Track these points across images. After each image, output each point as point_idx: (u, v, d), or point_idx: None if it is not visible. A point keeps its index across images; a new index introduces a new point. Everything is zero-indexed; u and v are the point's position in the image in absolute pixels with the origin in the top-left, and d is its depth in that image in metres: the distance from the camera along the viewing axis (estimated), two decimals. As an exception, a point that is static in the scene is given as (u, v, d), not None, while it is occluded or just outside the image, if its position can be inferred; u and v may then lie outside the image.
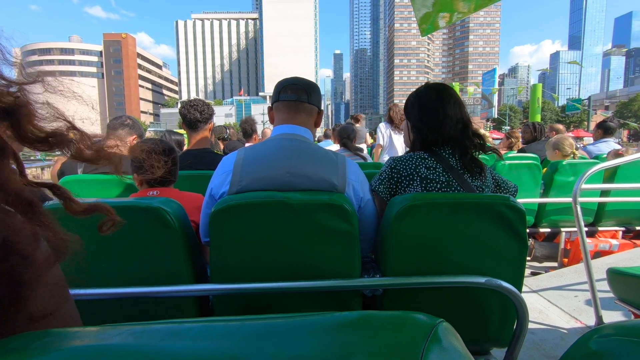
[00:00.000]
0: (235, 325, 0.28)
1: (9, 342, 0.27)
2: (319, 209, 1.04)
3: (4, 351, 0.26)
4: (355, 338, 0.28)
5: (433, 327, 0.29)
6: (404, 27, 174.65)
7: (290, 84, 1.30)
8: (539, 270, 3.18)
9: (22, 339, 0.27)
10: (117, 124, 2.10)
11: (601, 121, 4.38)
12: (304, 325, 0.29)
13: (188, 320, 0.29)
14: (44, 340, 0.27)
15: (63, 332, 0.28)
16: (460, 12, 2.42)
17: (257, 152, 1.19)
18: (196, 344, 0.26)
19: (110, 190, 1.79)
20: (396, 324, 0.29)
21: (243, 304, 1.13)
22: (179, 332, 0.27)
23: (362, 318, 0.30)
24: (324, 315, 0.30)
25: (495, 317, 1.17)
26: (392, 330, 0.29)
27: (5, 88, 0.38)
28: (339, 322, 0.30)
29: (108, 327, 0.28)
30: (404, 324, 0.30)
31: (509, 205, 1.07)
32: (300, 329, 0.28)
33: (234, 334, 0.27)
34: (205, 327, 0.28)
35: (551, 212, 3.27)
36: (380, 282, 1.07)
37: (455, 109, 1.31)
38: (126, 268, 1.09)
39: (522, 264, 1.13)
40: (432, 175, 1.24)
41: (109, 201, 1.09)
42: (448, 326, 0.30)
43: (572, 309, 2.26)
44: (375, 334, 0.28)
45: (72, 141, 0.45)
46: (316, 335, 0.28)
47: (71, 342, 0.27)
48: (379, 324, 0.29)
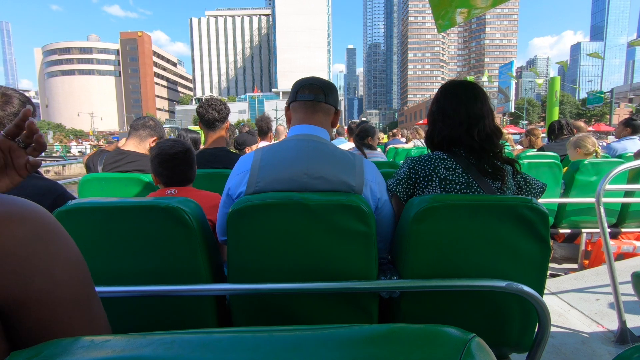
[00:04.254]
0: (264, 337, 0.28)
1: (42, 349, 0.28)
2: (336, 210, 1.04)
3: (39, 359, 0.27)
4: (386, 353, 0.27)
5: (466, 343, 0.28)
6: (418, 21, 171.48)
7: (308, 83, 1.29)
8: (558, 272, 3.11)
9: (54, 347, 0.28)
10: (140, 125, 2.14)
11: (628, 118, 4.21)
12: (332, 339, 0.28)
13: (216, 331, 0.29)
14: (75, 349, 0.28)
15: (94, 340, 0.28)
16: (478, 8, 2.37)
17: (275, 153, 1.19)
18: (227, 356, 0.26)
19: (129, 189, 1.82)
20: (427, 338, 0.29)
21: (260, 304, 1.14)
22: (209, 343, 0.27)
23: (392, 332, 0.30)
24: (352, 328, 0.30)
25: (515, 322, 1.14)
26: (424, 345, 0.28)
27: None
28: (368, 335, 0.29)
29: (138, 337, 0.28)
30: (436, 339, 0.29)
31: (531, 207, 1.04)
32: (329, 342, 0.28)
33: (263, 347, 0.27)
34: (234, 338, 0.28)
35: (572, 212, 3.18)
36: (399, 284, 1.06)
37: (476, 109, 1.27)
38: (145, 266, 1.11)
39: (544, 268, 1.10)
40: (451, 176, 1.22)
41: (128, 200, 1.11)
42: (481, 342, 0.29)
43: (594, 312, 2.19)
44: (406, 350, 0.28)
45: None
46: (345, 349, 0.28)
47: (102, 352, 0.27)
48: (410, 338, 0.29)
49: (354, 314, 1.13)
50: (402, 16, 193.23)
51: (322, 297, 1.12)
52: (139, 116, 2.34)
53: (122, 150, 2.09)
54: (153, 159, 1.54)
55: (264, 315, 1.14)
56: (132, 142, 2.12)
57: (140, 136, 2.11)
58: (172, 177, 1.54)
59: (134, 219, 1.06)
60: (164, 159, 1.51)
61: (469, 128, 1.25)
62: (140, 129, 2.12)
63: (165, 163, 1.52)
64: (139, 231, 1.07)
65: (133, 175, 1.86)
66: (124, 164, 2.01)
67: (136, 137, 2.12)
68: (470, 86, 1.32)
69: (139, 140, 2.12)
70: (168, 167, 1.52)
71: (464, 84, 1.34)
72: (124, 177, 1.84)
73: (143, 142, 2.12)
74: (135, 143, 2.11)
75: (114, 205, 1.06)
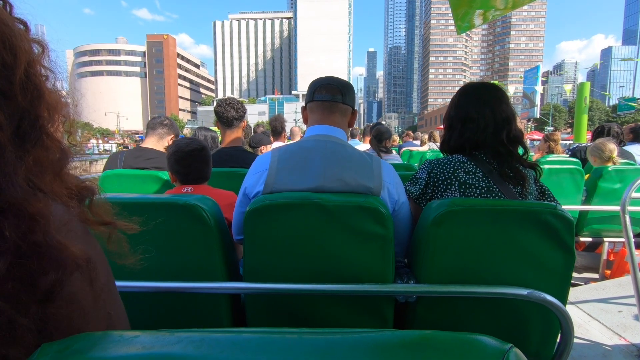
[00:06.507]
0: (294, 340, 0.27)
1: (72, 342, 0.28)
2: (354, 212, 1.03)
3: (69, 353, 0.26)
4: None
5: (504, 355, 0.27)
6: (440, 24, 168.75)
7: (325, 83, 1.29)
8: (578, 282, 3.01)
9: (84, 341, 0.28)
10: (156, 124, 2.18)
11: (636, 126, 4.10)
12: (364, 343, 0.27)
13: (245, 330, 0.29)
14: (105, 343, 0.27)
15: (123, 335, 0.28)
16: (498, 10, 2.33)
17: (292, 154, 1.18)
18: (256, 357, 0.25)
19: (148, 185, 1.85)
20: (464, 348, 0.27)
21: (274, 304, 1.13)
22: (238, 343, 0.26)
23: (425, 338, 0.28)
24: (384, 333, 0.29)
25: (536, 332, 1.11)
26: (460, 354, 0.27)
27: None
28: (400, 341, 0.28)
29: (166, 334, 0.28)
30: (472, 348, 0.28)
31: (556, 214, 1.01)
32: (360, 346, 0.27)
33: (294, 349, 0.26)
34: (263, 339, 0.27)
35: (593, 220, 3.08)
36: (417, 289, 1.04)
37: (502, 112, 1.24)
38: (162, 262, 1.11)
39: (567, 277, 1.06)
40: (471, 180, 1.19)
41: (147, 197, 1.12)
42: (519, 353, 0.28)
43: (616, 324, 2.11)
44: (441, 357, 0.26)
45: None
46: (377, 354, 0.27)
47: (132, 347, 0.26)
48: (444, 346, 0.28)
49: (368, 318, 1.12)
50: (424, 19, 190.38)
51: (337, 299, 1.10)
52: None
53: (142, 147, 2.13)
54: (170, 157, 1.56)
55: (278, 315, 1.13)
56: (151, 140, 2.16)
57: (159, 134, 2.15)
58: (188, 175, 1.56)
59: (153, 215, 1.07)
60: (180, 157, 1.53)
61: (495, 131, 1.22)
62: (158, 128, 2.17)
63: (181, 161, 1.54)
64: (156, 227, 1.08)
65: (151, 173, 1.89)
66: (143, 161, 2.05)
67: (154, 136, 2.16)
68: (493, 88, 1.29)
69: (158, 138, 2.16)
70: (184, 165, 1.54)
71: (486, 86, 1.31)
72: (143, 174, 1.87)
73: (161, 140, 2.16)
74: (154, 141, 2.15)
75: (133, 201, 1.07)
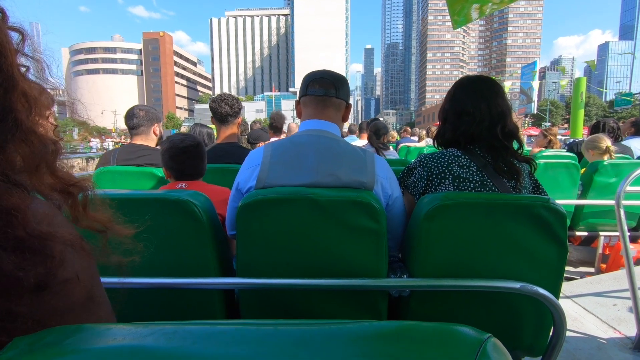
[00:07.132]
0: (269, 331, 0.27)
1: (44, 335, 0.27)
2: (347, 206, 1.02)
3: (40, 345, 0.26)
4: (397, 350, 0.26)
5: (482, 344, 0.26)
6: (438, 20, 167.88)
7: (318, 77, 1.27)
8: (573, 276, 3.03)
9: (56, 334, 0.27)
10: (135, 124, 2.12)
11: (637, 119, 4.11)
12: (341, 334, 0.27)
13: (220, 322, 0.28)
14: (78, 336, 0.27)
15: (96, 328, 0.28)
16: (494, 4, 2.31)
17: (285, 148, 1.18)
18: (229, 349, 0.24)
19: (142, 182, 1.84)
20: (441, 338, 0.27)
21: (268, 299, 1.13)
22: (212, 335, 0.26)
23: (404, 329, 0.28)
24: (361, 324, 0.28)
25: (529, 325, 1.11)
26: (437, 344, 0.26)
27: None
28: (378, 331, 0.28)
29: (140, 326, 0.28)
30: (450, 338, 0.27)
31: (549, 207, 1.01)
32: (337, 337, 0.27)
33: (268, 340, 0.26)
34: (238, 330, 0.27)
35: (589, 214, 3.09)
36: (410, 283, 1.04)
37: (498, 106, 1.23)
38: (154, 259, 1.10)
39: (560, 270, 1.07)
40: (465, 174, 1.19)
41: (139, 193, 1.12)
42: (497, 342, 0.28)
43: (611, 318, 2.13)
44: (418, 348, 0.26)
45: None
46: (354, 344, 0.26)
47: (104, 340, 0.26)
48: (423, 337, 0.27)
49: (362, 312, 1.12)
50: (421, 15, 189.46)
51: (331, 294, 1.10)
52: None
53: (134, 144, 2.11)
54: (164, 153, 1.55)
55: (271, 310, 1.13)
56: (140, 138, 2.13)
57: (144, 132, 2.12)
58: (182, 171, 1.55)
59: (144, 211, 1.06)
60: (174, 153, 1.53)
61: (491, 125, 1.21)
62: (139, 127, 2.12)
63: (176, 157, 1.53)
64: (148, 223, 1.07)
65: (145, 169, 1.87)
66: (136, 158, 2.03)
67: (141, 135, 2.13)
68: (489, 81, 1.28)
69: (145, 136, 2.14)
70: (179, 161, 1.53)
71: (482, 79, 1.30)
72: (137, 170, 1.86)
73: (149, 136, 2.14)
74: (143, 138, 2.13)
75: (125, 197, 1.06)
